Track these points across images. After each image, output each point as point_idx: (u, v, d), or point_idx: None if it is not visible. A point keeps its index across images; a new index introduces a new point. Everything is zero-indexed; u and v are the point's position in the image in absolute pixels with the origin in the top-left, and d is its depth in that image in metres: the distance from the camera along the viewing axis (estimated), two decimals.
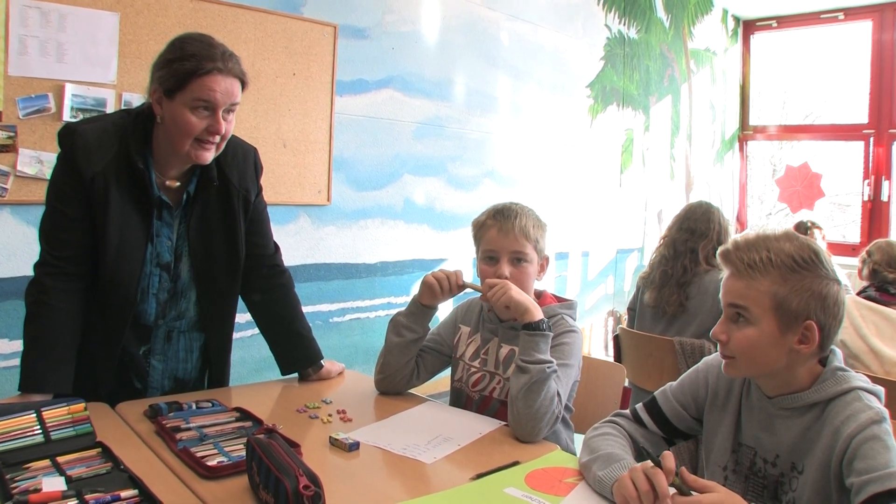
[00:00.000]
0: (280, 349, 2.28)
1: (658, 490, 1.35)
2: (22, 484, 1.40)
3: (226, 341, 2.23)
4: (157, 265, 2.00)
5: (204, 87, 1.82)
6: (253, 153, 2.18)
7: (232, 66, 1.87)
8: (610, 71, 5.46)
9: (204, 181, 2.02)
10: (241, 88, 1.92)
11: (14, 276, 2.68)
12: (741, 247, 1.54)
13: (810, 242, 1.54)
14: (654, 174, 6.00)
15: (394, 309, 4.01)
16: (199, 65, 1.82)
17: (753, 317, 1.50)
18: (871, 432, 1.40)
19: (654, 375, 3.32)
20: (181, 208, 2.02)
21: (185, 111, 1.84)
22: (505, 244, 2.07)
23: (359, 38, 3.75)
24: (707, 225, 3.45)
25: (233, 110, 1.92)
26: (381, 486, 1.54)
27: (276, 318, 2.28)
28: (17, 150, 2.66)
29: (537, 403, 1.83)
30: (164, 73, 1.85)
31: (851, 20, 6.41)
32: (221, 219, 2.07)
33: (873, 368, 3.04)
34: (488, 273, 2.07)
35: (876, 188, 6.13)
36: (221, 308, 2.16)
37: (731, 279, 1.55)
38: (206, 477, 1.51)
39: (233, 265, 2.12)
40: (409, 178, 4.07)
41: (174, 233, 2.02)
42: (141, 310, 2.00)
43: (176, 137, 1.88)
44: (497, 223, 2.09)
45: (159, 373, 2.09)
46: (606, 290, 5.61)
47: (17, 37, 2.64)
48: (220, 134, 1.89)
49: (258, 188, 2.19)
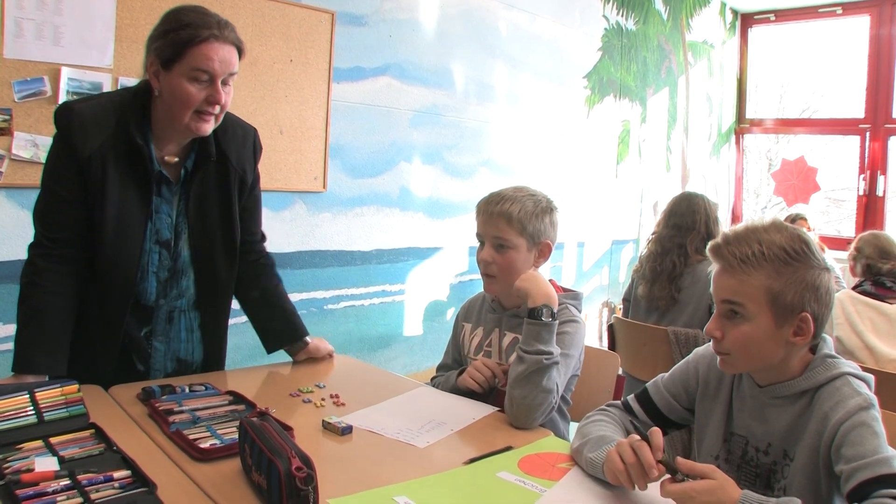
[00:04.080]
0: (263, 326, 2.29)
1: (643, 461, 1.36)
2: (14, 464, 1.40)
3: (222, 323, 2.22)
4: (157, 242, 1.99)
5: (202, 56, 1.81)
6: (253, 133, 2.18)
7: (228, 33, 1.87)
8: (607, 62, 5.45)
9: (202, 156, 2.02)
10: (239, 57, 1.91)
11: (9, 260, 2.67)
12: (731, 241, 1.52)
13: (799, 232, 1.53)
14: (651, 166, 6.00)
15: (389, 297, 4.08)
16: (196, 33, 1.81)
17: (748, 313, 1.49)
18: (859, 419, 1.40)
19: (648, 364, 3.33)
20: (180, 184, 2.01)
21: (184, 81, 1.83)
22: (487, 229, 2.09)
23: (356, 25, 3.73)
24: (692, 217, 3.47)
25: (230, 81, 1.91)
26: (373, 470, 1.54)
27: (259, 300, 2.27)
28: (13, 133, 2.65)
29: (532, 393, 1.83)
30: (161, 44, 1.83)
31: (849, 15, 6.41)
32: (218, 196, 2.07)
33: (868, 365, 3.04)
34: (478, 255, 2.12)
35: (871, 183, 6.14)
36: (218, 288, 2.15)
37: (723, 275, 1.54)
38: (199, 459, 1.51)
39: (229, 243, 2.11)
40: (406, 166, 4.06)
41: (174, 209, 2.01)
42: (141, 289, 1.99)
43: (175, 109, 1.86)
44: (484, 208, 2.11)
45: (161, 354, 2.08)
46: (601, 280, 5.62)
47: (12, 19, 2.62)
48: (219, 104, 1.88)
49: (256, 173, 2.18)
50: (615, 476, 1.41)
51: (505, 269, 2.06)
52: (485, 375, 2.05)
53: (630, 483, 1.39)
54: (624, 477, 1.39)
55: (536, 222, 2.07)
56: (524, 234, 2.06)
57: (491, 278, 2.10)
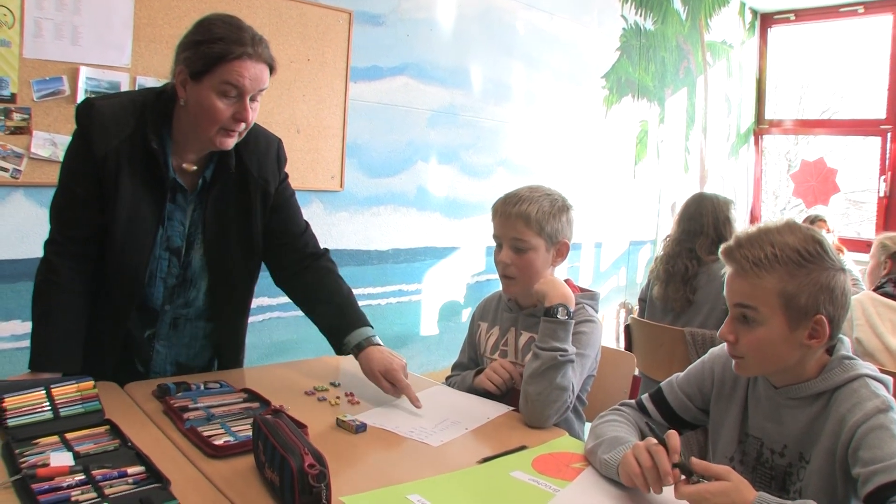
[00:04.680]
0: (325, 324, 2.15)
1: (659, 467, 1.35)
2: (30, 459, 1.41)
3: (238, 332, 2.21)
4: (167, 249, 1.97)
5: (233, 72, 1.77)
6: (276, 144, 2.13)
7: (262, 51, 1.83)
8: (625, 62, 5.43)
9: (221, 167, 1.98)
10: (270, 73, 1.88)
11: (27, 258, 2.69)
12: (744, 244, 1.51)
13: (813, 232, 1.51)
14: (669, 166, 5.97)
15: (405, 296, 4.08)
16: (229, 48, 1.77)
17: (762, 316, 1.48)
18: (878, 421, 1.38)
19: (664, 365, 3.31)
20: (196, 193, 1.98)
21: (212, 95, 1.78)
22: (505, 230, 2.08)
23: (374, 24, 3.74)
24: (700, 221, 3.49)
25: (258, 98, 1.87)
26: (387, 468, 1.54)
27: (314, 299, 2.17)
28: (31, 132, 2.67)
29: (547, 389, 1.83)
30: (191, 55, 1.79)
31: (871, 14, 6.33)
32: (238, 208, 2.03)
33: (888, 367, 3.01)
34: (496, 257, 2.10)
35: (892, 184, 6.06)
36: (234, 299, 2.13)
37: (736, 279, 1.52)
38: (213, 456, 1.51)
39: (248, 256, 2.09)
40: (423, 166, 4.06)
41: (187, 218, 1.99)
42: (148, 293, 1.98)
43: (202, 123, 1.83)
44: (501, 209, 2.10)
45: (163, 357, 2.08)
46: (619, 281, 5.59)
47: (32, 19, 2.64)
48: (245, 122, 1.85)
49: (280, 178, 2.13)
50: (630, 479, 1.41)
51: (524, 271, 2.06)
52: (502, 377, 2.04)
53: (646, 486, 1.38)
54: (640, 480, 1.38)
55: (554, 222, 2.06)
56: (542, 235, 2.05)
57: (510, 280, 2.09)
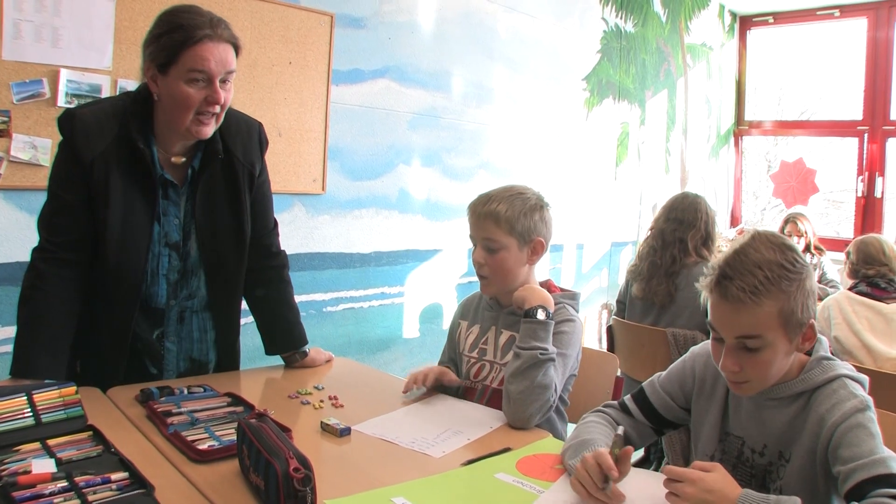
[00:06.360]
0: (265, 329, 2.28)
1: (602, 466, 1.39)
2: (12, 466, 1.40)
3: (235, 324, 2.23)
4: (166, 245, 1.99)
5: (197, 57, 1.80)
6: (257, 127, 2.17)
7: (222, 31, 1.85)
8: (606, 64, 5.45)
9: (209, 155, 2.01)
10: (235, 54, 1.89)
11: (7, 262, 2.67)
12: (733, 274, 1.47)
13: (783, 239, 1.52)
14: (650, 168, 6.00)
15: (388, 299, 4.07)
16: (189, 34, 1.80)
17: (765, 341, 1.46)
18: (856, 420, 1.41)
19: (646, 366, 3.33)
20: (187, 185, 2.00)
21: (181, 84, 1.81)
22: (477, 230, 2.09)
23: (355, 27, 3.73)
24: (695, 215, 3.49)
25: (229, 79, 1.89)
26: (371, 471, 1.54)
27: (264, 299, 2.26)
28: (11, 135, 2.65)
29: (529, 387, 1.84)
30: (155, 49, 1.83)
31: (847, 17, 6.40)
32: (226, 194, 2.06)
33: (866, 364, 3.05)
34: (472, 258, 2.12)
35: (870, 184, 6.13)
36: (229, 285, 2.15)
37: (734, 314, 1.47)
38: (197, 460, 1.51)
39: (239, 241, 2.11)
40: (404, 169, 4.06)
41: (181, 211, 2.01)
42: (152, 292, 1.99)
43: (175, 113, 1.85)
44: (473, 209, 2.11)
45: (174, 355, 2.09)
46: (601, 282, 5.62)
47: (11, 21, 2.62)
48: (219, 104, 1.87)
49: (263, 163, 2.17)
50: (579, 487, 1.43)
51: (497, 270, 2.06)
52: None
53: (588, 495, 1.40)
54: (578, 487, 1.43)
55: (525, 220, 2.05)
56: (513, 234, 2.04)
57: (485, 279, 2.11)
